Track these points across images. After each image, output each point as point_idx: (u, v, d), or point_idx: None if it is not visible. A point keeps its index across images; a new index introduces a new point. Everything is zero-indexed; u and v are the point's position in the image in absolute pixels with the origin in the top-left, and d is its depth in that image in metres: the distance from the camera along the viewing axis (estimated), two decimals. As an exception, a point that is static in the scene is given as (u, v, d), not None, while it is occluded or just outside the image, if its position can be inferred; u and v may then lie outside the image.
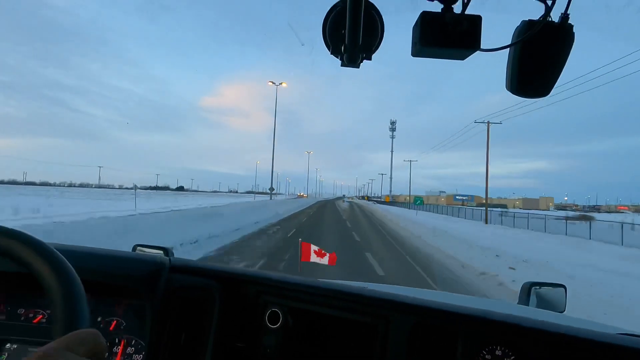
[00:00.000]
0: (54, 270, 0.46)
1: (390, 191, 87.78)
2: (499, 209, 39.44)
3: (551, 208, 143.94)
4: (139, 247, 1.14)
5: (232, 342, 0.86)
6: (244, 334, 0.88)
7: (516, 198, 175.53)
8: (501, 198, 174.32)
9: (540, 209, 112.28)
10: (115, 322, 0.85)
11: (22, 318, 0.85)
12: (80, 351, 0.33)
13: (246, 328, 0.88)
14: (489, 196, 30.55)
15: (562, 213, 44.47)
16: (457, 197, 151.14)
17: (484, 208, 29.77)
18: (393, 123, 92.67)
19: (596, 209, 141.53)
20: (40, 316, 0.86)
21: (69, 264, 0.48)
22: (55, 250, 0.49)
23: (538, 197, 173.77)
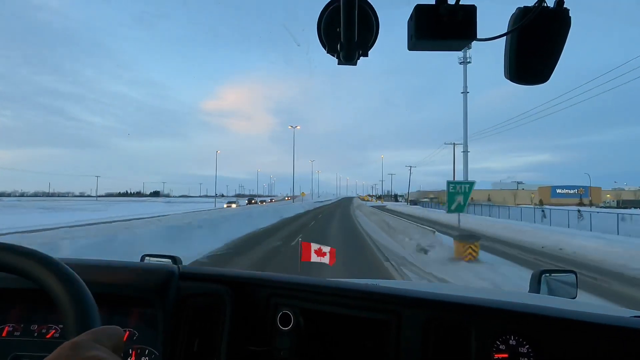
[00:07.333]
0: (61, 281, 0.47)
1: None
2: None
3: None
4: (147, 257, 1.15)
5: (245, 346, 0.86)
6: (256, 337, 0.88)
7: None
8: (621, 190, 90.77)
9: None
10: (127, 333, 0.85)
11: (36, 334, 0.85)
12: (108, 345, 0.35)
13: (258, 331, 0.88)
14: (596, 186, 23.80)
15: None
16: (558, 190, 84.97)
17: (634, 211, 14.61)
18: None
19: None
20: (53, 331, 0.86)
21: (75, 274, 0.49)
22: (60, 262, 0.49)
23: None
